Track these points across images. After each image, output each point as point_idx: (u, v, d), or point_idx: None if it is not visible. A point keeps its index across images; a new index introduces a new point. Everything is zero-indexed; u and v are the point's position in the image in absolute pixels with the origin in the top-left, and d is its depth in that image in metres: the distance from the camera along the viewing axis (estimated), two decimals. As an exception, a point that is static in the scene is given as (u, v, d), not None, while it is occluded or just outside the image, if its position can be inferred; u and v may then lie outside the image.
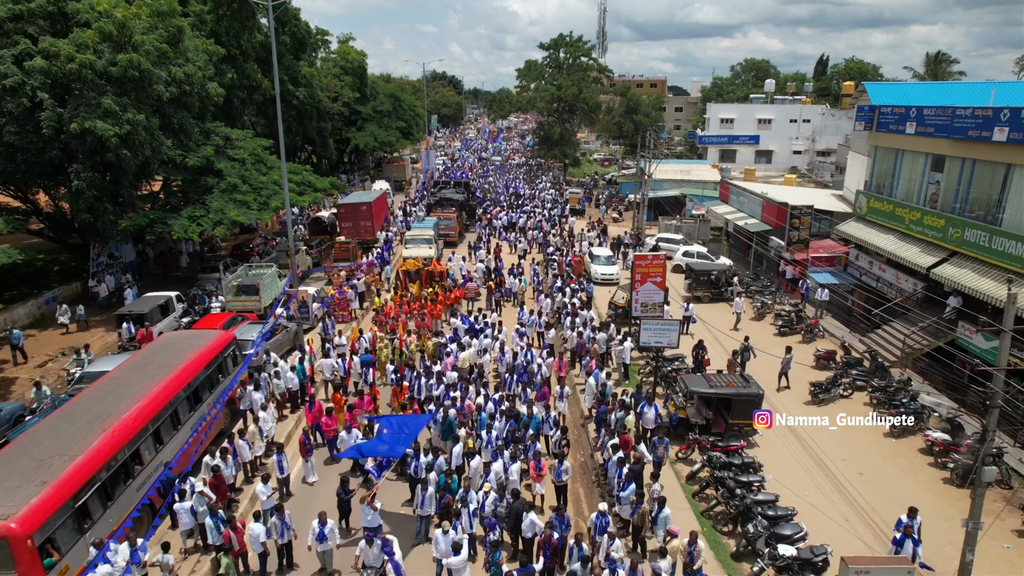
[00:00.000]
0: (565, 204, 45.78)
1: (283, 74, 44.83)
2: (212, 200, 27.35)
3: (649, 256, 20.48)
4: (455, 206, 38.44)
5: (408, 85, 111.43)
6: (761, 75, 75.83)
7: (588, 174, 69.16)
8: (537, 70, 62.01)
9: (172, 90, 25.27)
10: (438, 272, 26.04)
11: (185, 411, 14.48)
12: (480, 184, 54.56)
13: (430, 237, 31.82)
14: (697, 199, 44.09)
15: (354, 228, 37.30)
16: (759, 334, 24.48)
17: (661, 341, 16.90)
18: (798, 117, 58.05)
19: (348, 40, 58.90)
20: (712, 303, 28.16)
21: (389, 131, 57.70)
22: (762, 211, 31.75)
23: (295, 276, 19.96)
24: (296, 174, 31.74)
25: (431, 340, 20.18)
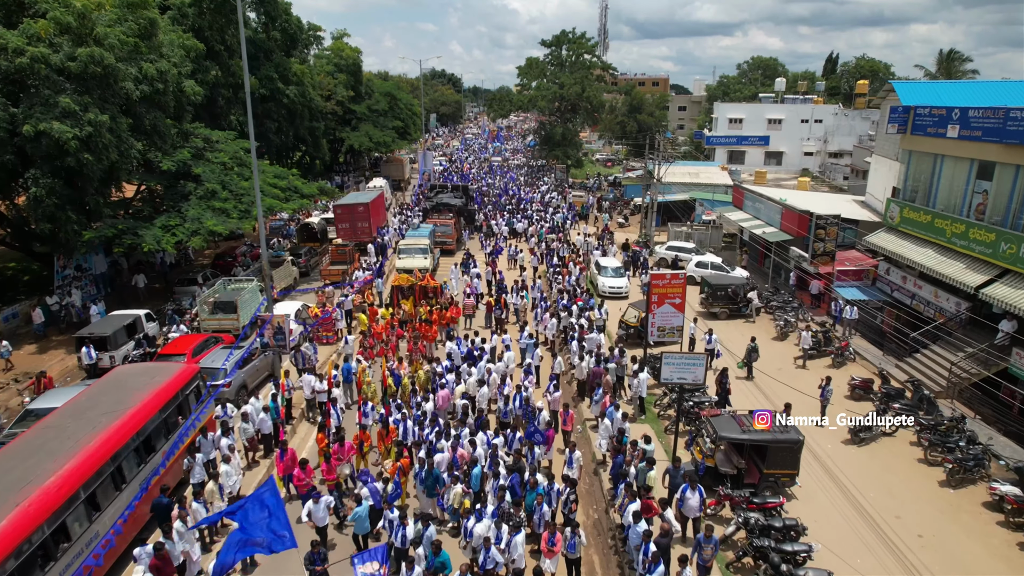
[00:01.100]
0: (570, 209, 43.53)
1: (272, 71, 42.84)
2: (188, 208, 25.25)
3: (667, 275, 18.33)
4: (453, 212, 36.31)
5: (406, 83, 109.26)
6: (769, 73, 73.69)
7: (590, 175, 67.04)
8: (539, 68, 59.87)
9: (143, 88, 23.15)
10: (432, 287, 23.89)
11: (132, 466, 12.35)
12: (479, 186, 52.44)
13: (425, 246, 29.70)
14: (708, 203, 41.96)
15: (351, 230, 35.30)
16: (783, 357, 22.40)
17: (685, 377, 14.77)
18: (810, 117, 55.97)
19: (342, 36, 56.74)
20: (729, 319, 26.06)
21: (385, 131, 55.56)
22: (781, 219, 29.62)
23: (270, 298, 17.70)
24: (281, 179, 29.63)
25: (423, 368, 18.07)
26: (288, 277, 28.90)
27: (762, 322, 25.99)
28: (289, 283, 28.84)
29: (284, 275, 28.47)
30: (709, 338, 19.99)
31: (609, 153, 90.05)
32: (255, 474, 14.93)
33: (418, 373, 17.57)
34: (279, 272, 28.04)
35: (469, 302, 23.91)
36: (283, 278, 28.32)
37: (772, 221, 30.68)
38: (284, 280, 28.43)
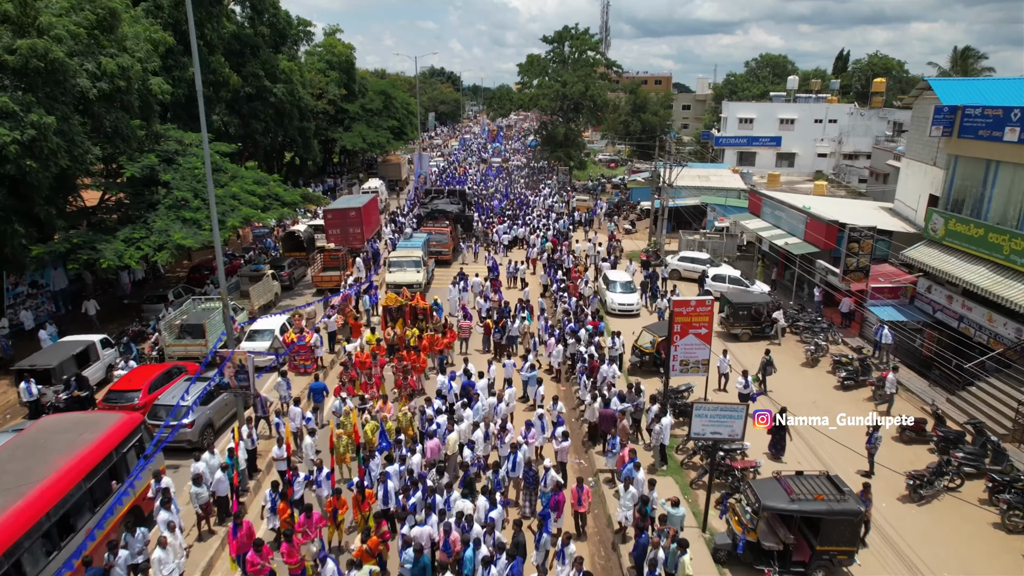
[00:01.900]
0: (572, 215, 41.01)
1: (258, 68, 40.41)
2: (156, 219, 22.82)
3: (692, 301, 15.88)
4: (449, 219, 33.87)
5: (403, 82, 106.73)
6: (778, 71, 71.22)
7: (593, 177, 64.56)
8: (540, 65, 57.36)
9: (102, 86, 20.71)
10: (422, 308, 21.45)
11: (39, 555, 9.94)
12: (478, 190, 49.97)
13: (418, 259, 27.26)
14: (720, 209, 39.53)
15: (342, 236, 32.99)
16: (816, 387, 19.99)
17: (720, 432, 12.37)
18: (824, 117, 53.47)
19: (335, 32, 54.23)
20: (751, 341, 23.65)
21: (379, 131, 53.10)
22: (806, 229, 27.20)
23: (229, 330, 15.26)
24: (261, 184, 27.17)
25: (408, 408, 15.66)
26: (268, 293, 26.47)
27: (788, 344, 23.60)
28: (269, 299, 26.42)
29: (263, 291, 26.03)
30: (744, 382, 17.50)
31: (612, 153, 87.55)
32: (207, 547, 12.51)
33: (403, 417, 15.13)
34: (257, 288, 25.63)
35: (465, 324, 21.48)
36: (262, 295, 25.89)
37: (794, 231, 28.26)
38: (263, 296, 26.01)
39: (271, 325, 22.62)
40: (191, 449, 15.84)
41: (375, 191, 49.80)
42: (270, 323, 22.87)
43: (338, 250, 31.10)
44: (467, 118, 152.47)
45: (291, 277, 30.29)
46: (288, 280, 29.99)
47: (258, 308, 25.40)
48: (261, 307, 25.48)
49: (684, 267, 31.11)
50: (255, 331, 22.10)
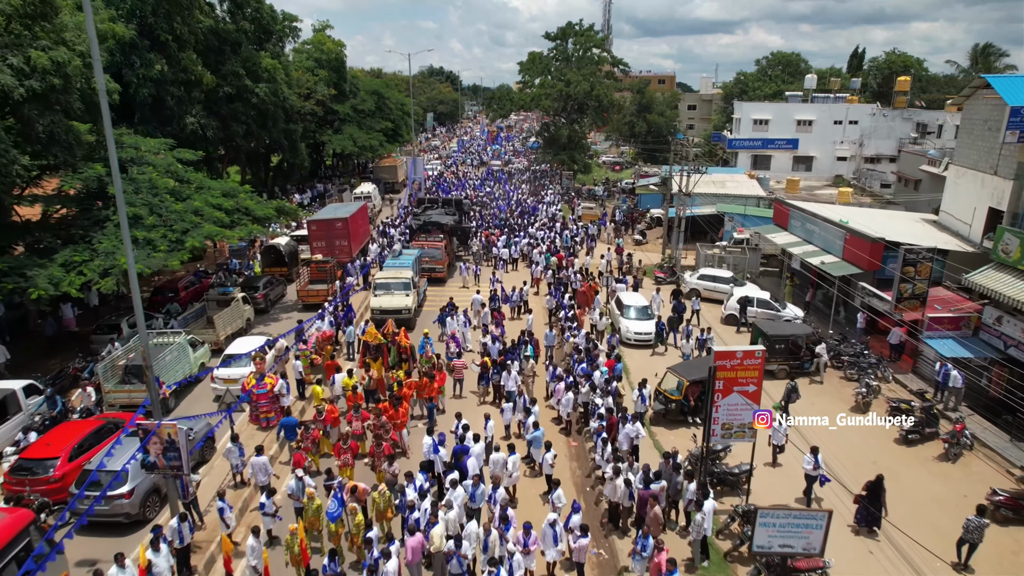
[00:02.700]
0: (585, 230, 37.71)
1: (239, 66, 37.32)
2: (102, 238, 19.73)
3: (738, 353, 12.77)
4: (444, 232, 30.75)
5: (400, 81, 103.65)
6: (790, 70, 68.04)
7: (598, 180, 61.45)
8: (542, 63, 54.31)
9: (32, 84, 17.64)
10: (406, 347, 18.33)
11: None
12: (478, 196, 46.84)
13: (407, 280, 24.15)
14: (739, 219, 36.42)
15: (327, 249, 29.98)
16: (872, 442, 16.88)
17: (793, 545, 9.29)
18: (844, 118, 50.32)
19: (324, 28, 51.11)
20: (787, 378, 20.54)
21: (371, 133, 49.99)
22: (844, 246, 24.09)
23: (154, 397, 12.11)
24: (230, 197, 24.05)
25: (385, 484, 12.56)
26: (237, 320, 23.40)
27: (831, 381, 20.50)
28: (239, 327, 23.33)
29: (231, 319, 22.95)
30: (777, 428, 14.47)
31: (616, 155, 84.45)
32: None
33: (379, 501, 12.04)
34: (225, 316, 22.57)
35: (459, 363, 18.36)
36: (230, 322, 22.82)
37: (830, 247, 25.15)
38: (232, 325, 22.93)
39: (249, 347, 20.06)
40: (131, 524, 12.92)
41: (368, 196, 46.91)
42: (247, 345, 20.35)
43: (326, 262, 28.12)
44: (466, 118, 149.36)
45: (267, 299, 27.24)
46: (264, 302, 26.97)
47: (225, 338, 22.36)
48: (229, 337, 22.41)
49: (704, 286, 27.98)
50: (231, 355, 19.45)
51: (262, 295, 26.93)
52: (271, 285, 28.05)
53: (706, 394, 17.56)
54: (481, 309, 24.39)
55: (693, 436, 14.89)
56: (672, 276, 30.70)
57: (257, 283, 27.47)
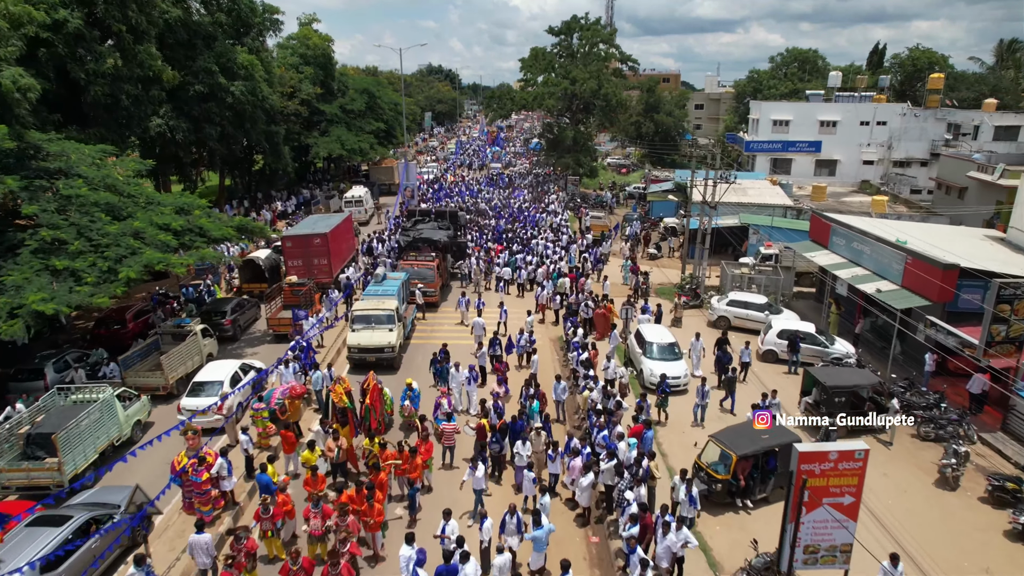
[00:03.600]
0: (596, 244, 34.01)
1: (212, 63, 33.79)
2: (11, 271, 16.13)
3: (831, 454, 9.21)
4: (437, 249, 27.13)
5: (396, 80, 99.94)
6: (807, 68, 64.39)
7: (604, 184, 57.78)
8: (545, 60, 50.67)
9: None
10: (375, 413, 14.72)
11: None
12: (475, 203, 43.16)
13: (391, 312, 20.52)
14: (765, 231, 32.83)
15: (304, 268, 26.47)
16: (973, 535, 13.26)
17: None
18: (871, 119, 46.64)
19: (311, 22, 47.47)
20: (848, 437, 16.95)
21: (361, 135, 46.33)
22: (905, 270, 20.48)
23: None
24: (182, 213, 20.41)
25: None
26: (193, 358, 19.88)
27: (902, 441, 16.90)
28: (196, 365, 19.78)
29: (183, 358, 19.41)
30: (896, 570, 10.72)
31: (621, 156, 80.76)
32: None
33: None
34: (176, 355, 19.06)
35: (449, 428, 14.75)
36: (181, 363, 19.28)
37: (885, 271, 21.53)
38: (185, 364, 19.43)
39: (220, 374, 17.66)
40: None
41: (359, 200, 43.36)
42: (219, 370, 17.93)
43: (301, 284, 24.57)
44: (466, 118, 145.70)
45: (236, 324, 23.74)
46: (232, 329, 23.45)
47: (176, 382, 18.84)
48: (182, 380, 18.89)
49: (735, 314, 24.38)
50: (199, 383, 17.35)
51: (229, 320, 23.46)
52: (241, 308, 24.55)
53: (759, 470, 14.12)
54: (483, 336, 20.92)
55: (753, 543, 11.29)
56: (696, 300, 27.09)
57: (224, 307, 23.97)
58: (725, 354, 18.71)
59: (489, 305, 25.87)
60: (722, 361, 18.49)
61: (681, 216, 40.27)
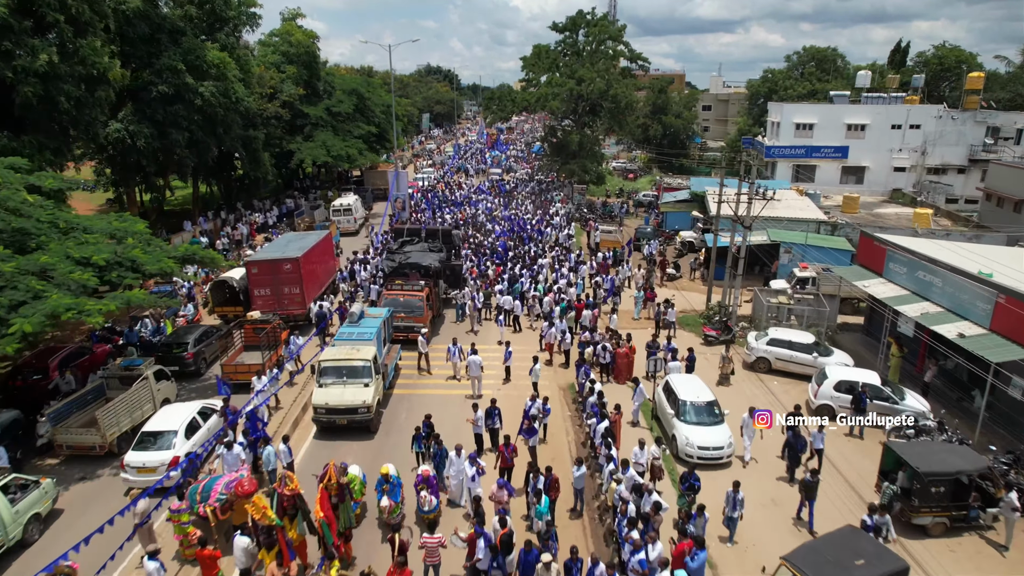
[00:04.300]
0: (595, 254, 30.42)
1: (177, 60, 30.14)
2: None
3: None
4: (428, 275, 23.38)
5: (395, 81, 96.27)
6: (825, 67, 60.68)
7: (612, 191, 54.07)
8: (549, 58, 46.93)
9: None
10: (333, 528, 10.99)
11: None
12: (475, 213, 39.44)
13: (367, 362, 16.78)
14: (798, 250, 29.14)
15: (273, 299, 22.77)
16: None
17: None
18: (904, 121, 42.90)
19: (295, 17, 43.73)
20: (946, 536, 13.27)
21: (348, 140, 42.59)
22: (994, 311, 16.78)
23: None
24: (116, 241, 16.65)
25: None
26: (144, 406, 16.44)
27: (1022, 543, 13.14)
28: (146, 415, 16.27)
29: (130, 408, 16.06)
30: None
31: (626, 160, 77.04)
32: None
33: None
34: (118, 407, 15.62)
35: (431, 542, 11.01)
36: (127, 414, 15.94)
37: (967, 310, 17.82)
38: (132, 415, 16.10)
39: (174, 421, 14.99)
40: None
41: (347, 210, 39.71)
42: (172, 417, 15.20)
43: (265, 321, 20.84)
44: (466, 118, 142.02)
45: (200, 358, 20.16)
46: (195, 363, 19.96)
47: (118, 438, 15.39)
48: (125, 436, 15.43)
49: (776, 355, 20.66)
50: (148, 434, 14.64)
51: (191, 354, 20.07)
52: (206, 338, 21.05)
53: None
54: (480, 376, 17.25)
55: None
56: (727, 334, 23.33)
57: (186, 337, 20.47)
58: (799, 439, 14.38)
59: (487, 341, 22.21)
60: (795, 448, 14.33)
61: (699, 229, 36.67)
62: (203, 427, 15.78)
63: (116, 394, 16.43)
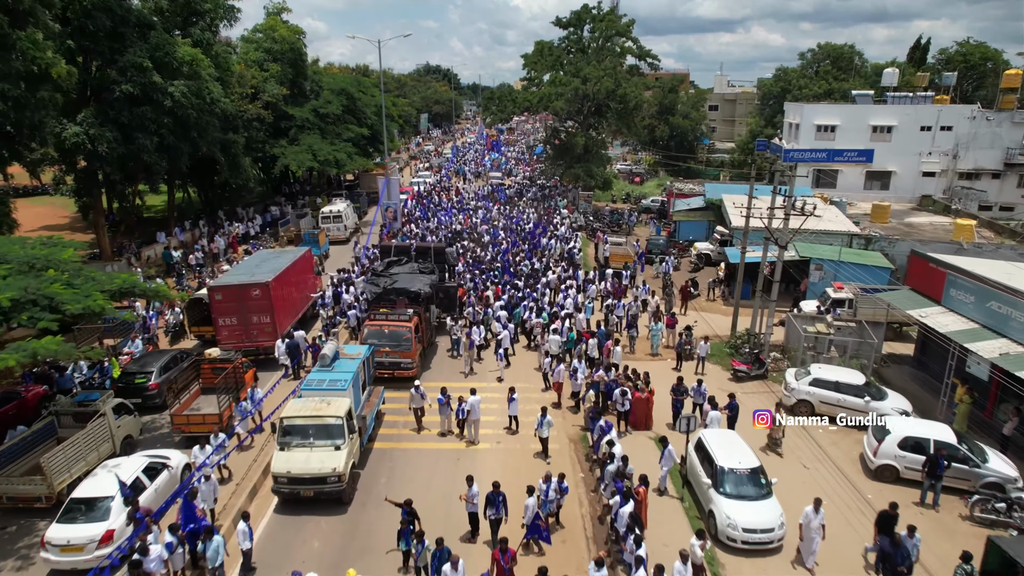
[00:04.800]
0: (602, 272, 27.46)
1: (143, 57, 27.32)
2: None
3: None
4: (418, 302, 20.40)
5: (389, 79, 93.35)
6: (842, 65, 57.68)
7: (618, 196, 51.13)
8: (552, 55, 44.07)
9: None
10: None
11: None
12: (471, 223, 36.50)
13: (339, 420, 13.83)
14: (830, 267, 26.25)
15: (240, 329, 19.91)
16: None
17: None
18: (934, 123, 39.95)
19: (280, 12, 40.80)
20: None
21: (337, 144, 39.65)
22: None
23: None
24: (37, 269, 13.74)
25: None
26: (98, 447, 13.83)
27: None
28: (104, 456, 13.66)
29: (81, 451, 13.48)
30: None
31: (631, 163, 74.08)
32: None
33: None
34: (67, 451, 13.22)
35: None
36: (78, 459, 13.56)
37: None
38: (86, 459, 13.68)
39: (109, 487, 12.32)
40: None
41: (337, 217, 36.86)
42: (107, 484, 12.40)
43: (225, 360, 17.91)
44: (465, 118, 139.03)
45: (167, 388, 17.35)
46: (159, 394, 17.44)
47: (68, 485, 12.88)
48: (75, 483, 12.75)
49: (821, 397, 17.73)
50: (77, 501, 12.11)
51: (156, 384, 17.56)
52: (175, 364, 18.43)
53: None
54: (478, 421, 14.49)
55: None
56: (759, 368, 20.39)
57: (150, 365, 17.96)
58: (897, 548, 11.07)
59: (487, 378, 19.33)
60: (892, 559, 11.04)
61: (716, 241, 33.75)
62: (150, 488, 13.16)
63: (69, 433, 14.07)
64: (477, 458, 15.80)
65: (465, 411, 15.87)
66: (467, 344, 18.99)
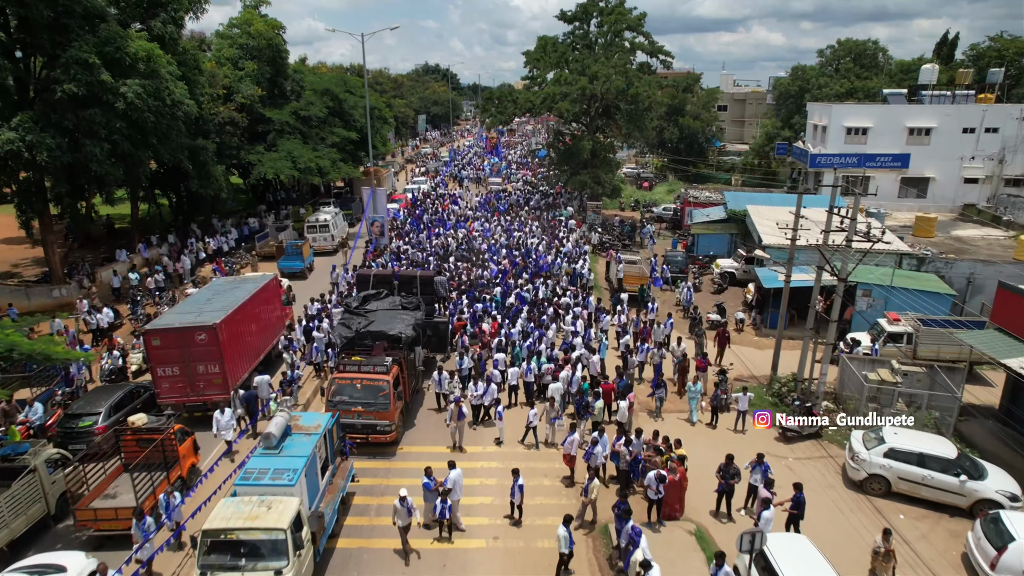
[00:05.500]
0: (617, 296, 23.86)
1: (90, 52, 23.85)
2: None
3: None
4: (398, 347, 16.76)
5: (387, 79, 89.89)
6: (865, 63, 54.07)
7: (626, 204, 47.56)
8: (557, 52, 40.49)
9: None
10: None
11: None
12: (471, 234, 32.85)
13: (281, 533, 10.23)
14: (880, 293, 22.72)
15: (183, 381, 16.44)
16: None
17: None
18: (979, 124, 36.32)
19: (259, 5, 37.21)
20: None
21: (320, 150, 36.07)
22: None
23: None
24: None
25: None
26: (28, 509, 10.90)
27: None
28: (28, 525, 10.34)
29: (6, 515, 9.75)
30: None
31: (638, 166, 70.46)
32: None
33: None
34: None
35: None
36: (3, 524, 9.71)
37: None
38: (7, 528, 9.82)
39: None
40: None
41: (324, 226, 33.46)
42: None
43: (154, 431, 14.16)
44: (464, 119, 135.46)
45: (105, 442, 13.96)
46: (96, 446, 14.13)
47: None
48: None
49: (900, 473, 14.13)
50: None
51: (103, 428, 14.70)
52: (129, 403, 15.69)
53: None
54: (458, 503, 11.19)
55: None
56: (811, 426, 16.78)
57: (98, 405, 15.17)
58: None
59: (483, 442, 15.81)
60: None
61: (741, 257, 30.17)
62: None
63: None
64: (468, 563, 12.24)
65: (447, 508, 12.28)
66: (455, 413, 15.19)
